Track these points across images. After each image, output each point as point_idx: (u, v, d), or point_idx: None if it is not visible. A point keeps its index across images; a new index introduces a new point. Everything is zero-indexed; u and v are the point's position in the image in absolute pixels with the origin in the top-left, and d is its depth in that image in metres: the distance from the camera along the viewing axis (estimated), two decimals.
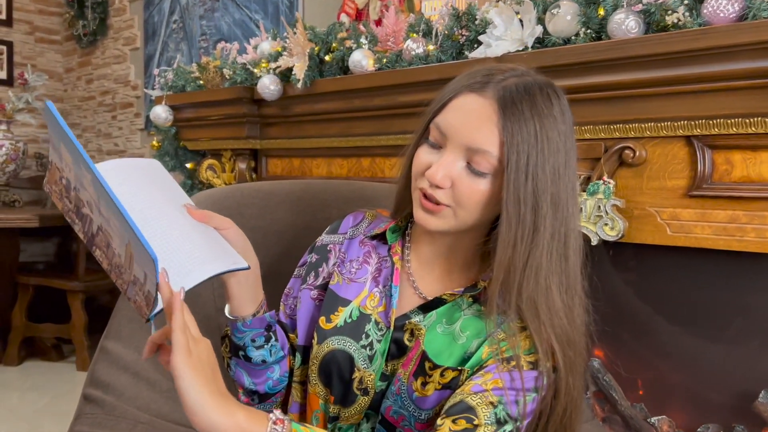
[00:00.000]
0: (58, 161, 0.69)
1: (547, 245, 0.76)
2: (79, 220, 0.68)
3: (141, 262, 0.66)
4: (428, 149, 0.81)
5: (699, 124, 1.26)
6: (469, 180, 0.77)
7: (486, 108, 0.75)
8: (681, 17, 1.21)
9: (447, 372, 0.81)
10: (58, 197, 0.70)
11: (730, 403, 1.38)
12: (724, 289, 1.36)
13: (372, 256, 0.92)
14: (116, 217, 0.65)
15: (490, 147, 0.75)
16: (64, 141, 0.68)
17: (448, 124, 0.78)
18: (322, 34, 1.89)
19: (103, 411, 1.06)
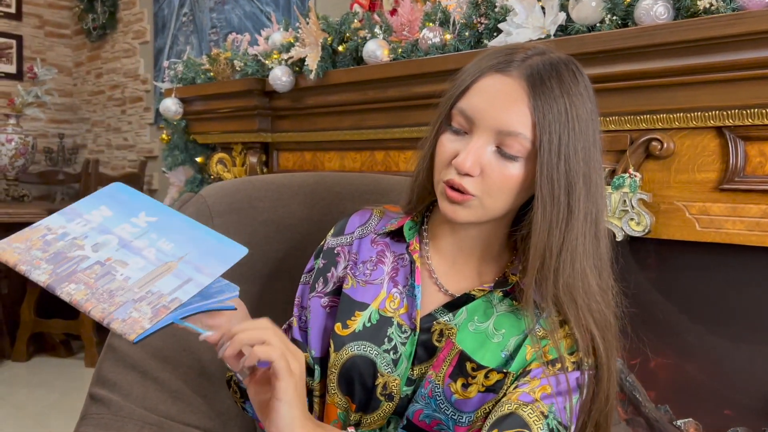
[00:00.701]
0: (64, 221, 0.71)
1: (581, 227, 0.73)
2: (50, 264, 0.67)
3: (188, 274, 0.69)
4: (452, 137, 0.76)
5: (731, 114, 1.20)
6: (500, 165, 0.73)
7: (515, 88, 0.72)
8: (713, 2, 1.16)
9: (492, 374, 0.76)
10: (14, 252, 0.68)
11: (759, 406, 1.33)
12: (755, 286, 1.31)
13: (387, 255, 0.87)
14: (170, 237, 0.72)
15: (523, 128, 0.71)
16: (107, 203, 0.74)
17: (474, 107, 0.74)
18: (336, 24, 1.85)
19: (110, 411, 1.01)
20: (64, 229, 0.70)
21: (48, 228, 0.70)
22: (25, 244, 0.68)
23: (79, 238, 0.70)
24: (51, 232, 0.70)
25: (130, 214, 0.74)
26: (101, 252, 0.69)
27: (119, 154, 4.02)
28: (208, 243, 0.75)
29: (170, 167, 2.47)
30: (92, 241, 0.70)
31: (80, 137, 4.34)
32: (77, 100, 4.35)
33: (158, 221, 0.74)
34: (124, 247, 0.70)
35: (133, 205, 0.75)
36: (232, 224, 1.21)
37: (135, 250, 0.70)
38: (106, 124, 4.11)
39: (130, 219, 0.73)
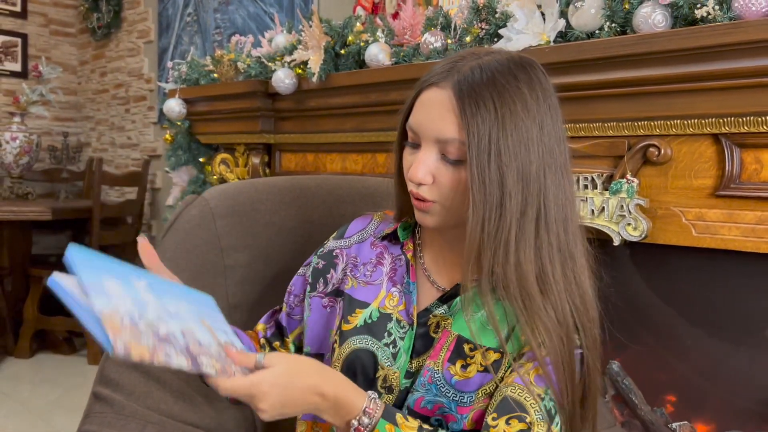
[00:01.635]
0: (109, 307, 0.63)
1: (515, 222, 0.74)
2: (168, 344, 0.65)
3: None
4: (410, 150, 0.82)
5: (728, 122, 1.22)
6: (448, 171, 0.78)
7: (444, 97, 0.76)
8: (711, 11, 1.17)
9: (489, 353, 0.80)
10: (138, 348, 0.62)
11: (755, 409, 1.35)
12: (750, 292, 1.33)
13: (385, 257, 0.92)
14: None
15: (455, 134, 0.75)
16: (103, 275, 0.67)
17: (417, 122, 0.79)
18: (338, 28, 1.86)
19: (113, 410, 1.03)
20: (125, 309, 0.64)
21: (115, 311, 0.63)
22: (131, 332, 0.62)
23: (148, 316, 0.66)
24: (121, 314, 0.63)
25: (129, 282, 0.70)
26: (170, 324, 0.67)
27: (123, 152, 4.04)
28: (190, 296, 0.77)
29: (173, 167, 2.49)
30: (154, 315, 0.66)
31: (84, 135, 4.36)
32: (81, 99, 4.37)
33: (149, 283, 0.72)
34: (171, 317, 0.69)
35: (109, 268, 0.70)
36: (234, 226, 1.23)
37: (176, 315, 0.70)
38: (110, 122, 4.13)
39: (135, 285, 0.70)
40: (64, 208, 3.35)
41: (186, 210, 1.25)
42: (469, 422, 0.79)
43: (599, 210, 1.36)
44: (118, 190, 4.02)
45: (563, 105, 1.44)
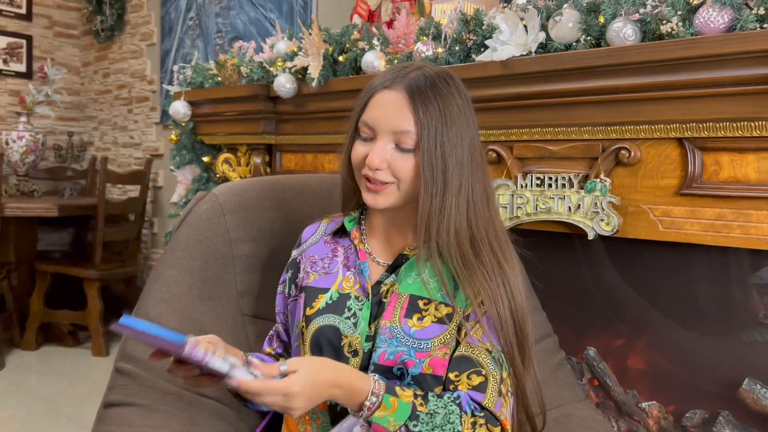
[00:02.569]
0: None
1: (454, 198, 0.94)
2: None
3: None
4: (361, 143, 0.98)
5: (690, 127, 1.34)
6: (401, 158, 0.95)
7: (399, 98, 0.95)
8: (675, 27, 1.29)
9: (441, 307, 0.96)
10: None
11: (716, 390, 1.46)
12: (712, 283, 1.45)
13: (338, 249, 1.08)
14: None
15: (410, 127, 0.94)
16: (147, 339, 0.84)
17: (373, 118, 0.96)
18: (336, 36, 1.98)
19: (135, 382, 1.15)
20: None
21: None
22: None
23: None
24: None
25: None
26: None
27: (125, 151, 4.15)
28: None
29: (178, 166, 2.60)
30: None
31: (87, 135, 4.47)
32: (84, 99, 4.47)
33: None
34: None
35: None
36: (241, 220, 1.34)
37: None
38: (113, 122, 4.24)
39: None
40: (70, 205, 3.46)
41: (197, 205, 1.37)
42: (426, 366, 0.94)
43: (575, 207, 1.49)
44: (120, 188, 4.13)
45: (543, 111, 1.57)
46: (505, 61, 1.52)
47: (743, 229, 1.30)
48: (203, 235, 1.31)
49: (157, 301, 1.26)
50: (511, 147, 1.63)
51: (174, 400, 1.13)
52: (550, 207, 1.53)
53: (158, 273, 1.30)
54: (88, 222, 3.99)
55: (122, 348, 1.22)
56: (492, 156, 1.65)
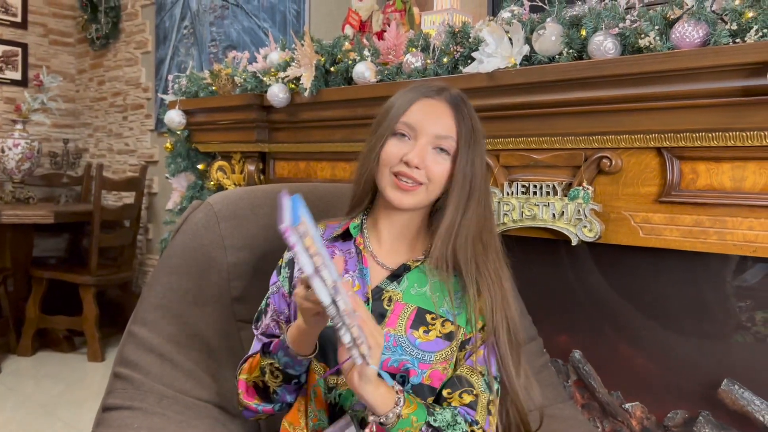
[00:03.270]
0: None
1: (475, 208, 1.02)
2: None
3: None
4: (397, 142, 1.02)
5: (668, 137, 1.39)
6: (437, 160, 1.01)
7: (443, 107, 1.03)
8: (652, 41, 1.34)
9: (446, 323, 1.01)
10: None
11: (697, 391, 1.52)
12: (690, 286, 1.50)
13: (336, 253, 1.10)
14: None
15: (452, 133, 1.01)
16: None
17: (417, 120, 1.01)
18: (328, 47, 2.03)
19: (133, 386, 1.19)
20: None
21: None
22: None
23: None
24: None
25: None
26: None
27: (120, 158, 4.18)
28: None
29: (173, 173, 2.64)
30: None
31: (82, 141, 4.50)
32: (79, 106, 4.50)
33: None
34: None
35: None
36: (236, 228, 1.39)
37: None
38: (108, 129, 4.27)
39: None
40: (66, 211, 3.49)
41: (193, 214, 1.41)
42: (426, 377, 0.99)
43: (559, 214, 1.54)
44: (115, 195, 4.16)
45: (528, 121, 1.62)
46: (491, 72, 1.57)
47: (719, 235, 1.35)
48: (198, 242, 1.36)
49: (155, 306, 1.30)
50: (497, 156, 1.68)
51: (171, 403, 1.17)
52: (536, 214, 1.58)
53: (155, 279, 1.34)
54: (83, 228, 4.02)
55: (120, 353, 1.26)
56: None
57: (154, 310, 1.29)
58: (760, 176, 1.30)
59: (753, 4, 1.23)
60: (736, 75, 1.25)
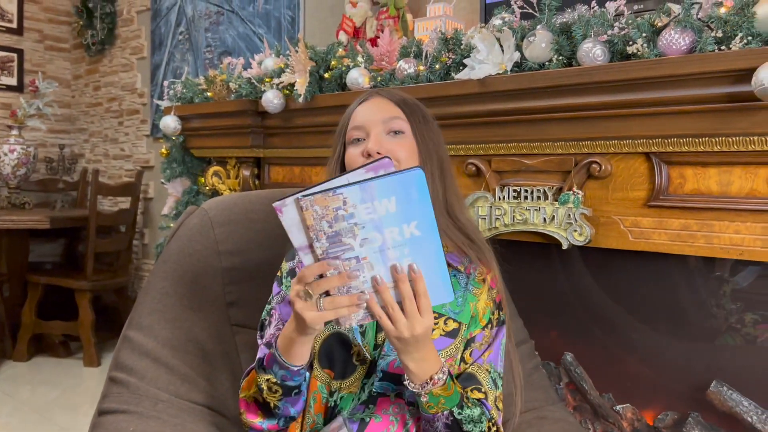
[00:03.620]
0: (358, 200, 0.77)
1: (451, 177, 1.08)
2: (328, 242, 0.79)
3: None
4: (354, 147, 1.05)
5: (656, 143, 1.41)
6: (396, 141, 1.04)
7: (381, 100, 1.08)
8: (640, 48, 1.36)
9: (449, 321, 1.02)
10: (312, 214, 0.77)
11: (687, 392, 1.54)
12: (679, 289, 1.52)
13: None
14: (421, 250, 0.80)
15: (397, 113, 1.05)
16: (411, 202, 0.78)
17: (361, 119, 1.05)
18: (322, 53, 2.05)
19: (128, 390, 1.20)
20: (354, 209, 0.77)
21: (344, 201, 0.77)
22: (322, 211, 0.77)
23: (358, 226, 0.78)
24: (344, 207, 0.77)
25: (406, 218, 0.78)
26: (364, 249, 0.79)
27: (116, 163, 4.19)
28: (434, 281, 0.83)
29: (169, 179, 2.66)
30: (365, 234, 0.78)
31: (77, 147, 4.51)
32: (75, 111, 4.52)
33: (419, 237, 0.79)
34: (381, 252, 0.80)
35: (414, 209, 0.78)
36: (230, 233, 1.40)
37: (385, 259, 0.80)
38: (104, 134, 4.28)
39: (402, 224, 0.78)
40: (61, 217, 3.49)
41: (188, 219, 1.43)
42: None
43: (550, 218, 1.56)
44: (111, 200, 4.17)
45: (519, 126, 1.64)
46: (483, 79, 1.59)
47: (707, 238, 1.37)
48: (193, 248, 1.37)
49: (150, 311, 1.32)
50: (489, 161, 1.70)
51: (166, 407, 1.18)
52: (527, 218, 1.60)
53: (151, 284, 1.35)
54: (79, 233, 4.03)
55: (116, 357, 1.27)
56: (471, 169, 1.72)
57: (149, 315, 1.31)
58: (746, 181, 1.32)
59: (738, 12, 1.25)
60: (722, 81, 1.27)
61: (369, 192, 0.77)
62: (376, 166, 0.81)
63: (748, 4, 1.24)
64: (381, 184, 0.77)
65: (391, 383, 1.01)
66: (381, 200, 0.77)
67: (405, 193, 0.77)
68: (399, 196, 0.77)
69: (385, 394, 1.01)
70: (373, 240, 0.79)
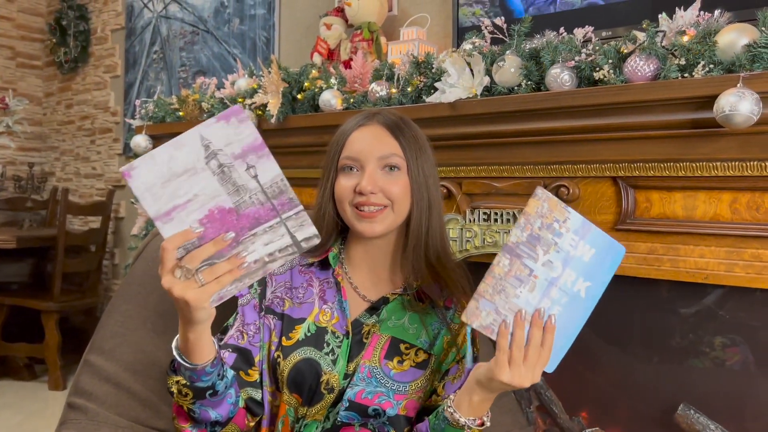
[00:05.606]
0: (574, 228, 0.84)
1: (437, 217, 1.06)
2: (526, 237, 0.83)
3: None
4: (346, 177, 1.03)
5: (623, 167, 1.43)
6: (391, 179, 1.02)
7: (378, 129, 1.05)
8: (606, 74, 1.39)
9: (420, 353, 1.02)
10: (538, 207, 0.83)
11: (655, 415, 1.54)
12: (647, 313, 1.53)
13: (314, 280, 1.10)
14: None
15: (395, 149, 1.03)
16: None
17: (357, 150, 1.03)
18: (295, 74, 2.05)
19: (87, 417, 1.17)
20: (566, 232, 0.82)
21: (566, 219, 0.83)
22: (546, 212, 0.82)
23: (556, 248, 0.82)
24: (561, 223, 0.83)
25: (587, 274, 0.84)
26: (542, 268, 0.82)
27: (87, 182, 4.13)
28: (557, 344, 0.87)
29: None
30: (553, 258, 0.82)
31: (48, 165, 4.44)
32: (46, 129, 4.46)
33: (581, 298, 0.86)
34: (550, 283, 0.82)
35: (598, 273, 0.84)
36: None
37: (547, 292, 0.83)
38: (75, 153, 4.23)
39: (581, 276, 0.84)
40: (29, 236, 3.43)
41: (154, 240, 1.40)
42: (402, 408, 0.99)
43: None
44: (81, 219, 4.10)
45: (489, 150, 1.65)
46: (453, 102, 1.60)
47: (673, 262, 1.39)
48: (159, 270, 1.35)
49: (112, 334, 1.29)
50: (460, 183, 1.71)
51: None
52: (497, 241, 1.60)
53: (114, 307, 1.33)
54: (47, 253, 3.95)
55: (75, 382, 1.24)
56: (443, 191, 1.72)
57: (111, 338, 1.28)
58: (710, 205, 1.34)
59: (700, 41, 1.28)
60: (686, 108, 1.29)
61: (586, 229, 0.83)
62: (227, 114, 0.77)
63: (710, 33, 1.27)
64: (597, 233, 0.83)
65: (356, 413, 1.00)
66: (587, 243, 0.82)
67: (603, 255, 0.83)
68: (598, 253, 0.83)
69: (350, 423, 1.00)
70: (554, 269, 0.82)
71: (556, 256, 0.81)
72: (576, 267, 0.82)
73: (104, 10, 3.96)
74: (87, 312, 3.68)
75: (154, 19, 3.55)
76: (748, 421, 1.42)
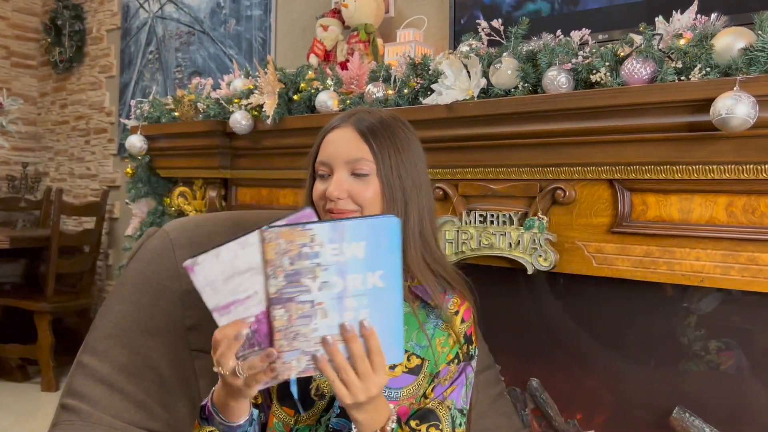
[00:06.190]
0: (327, 238, 0.75)
1: (416, 218, 1.01)
2: (285, 281, 0.75)
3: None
4: (320, 181, 1.03)
5: (619, 170, 1.43)
6: (359, 184, 0.99)
7: (348, 132, 1.01)
8: (603, 76, 1.38)
9: (412, 357, 1.00)
10: (275, 247, 0.75)
11: (650, 418, 1.54)
12: (642, 315, 1.53)
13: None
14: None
15: (363, 153, 0.99)
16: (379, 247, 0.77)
17: (327, 155, 1.01)
18: (291, 75, 2.04)
19: (80, 418, 1.16)
20: (320, 248, 0.74)
21: (311, 238, 0.74)
22: (286, 246, 0.74)
23: (321, 267, 0.75)
24: (310, 244, 0.74)
25: (371, 266, 0.76)
26: (322, 293, 0.76)
27: (81, 182, 4.11)
28: (388, 338, 0.80)
29: (134, 199, 2.61)
30: (326, 277, 0.75)
31: (42, 165, 4.42)
32: (41, 129, 4.44)
33: (381, 289, 0.77)
34: (339, 299, 0.76)
35: (382, 258, 0.76)
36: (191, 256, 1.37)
37: (342, 308, 0.76)
38: (69, 153, 4.21)
39: (367, 272, 0.76)
40: (22, 236, 3.41)
41: (148, 241, 1.40)
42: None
43: (516, 243, 1.56)
44: (75, 220, 4.08)
45: (485, 152, 1.65)
46: (450, 104, 1.60)
47: (668, 265, 1.39)
48: (153, 270, 1.34)
49: (106, 336, 1.28)
50: (456, 185, 1.70)
51: None
52: (493, 243, 1.60)
53: (108, 308, 1.32)
54: (41, 253, 3.93)
55: (68, 384, 1.23)
56: (439, 193, 1.72)
57: (105, 339, 1.27)
58: (706, 208, 1.34)
59: (697, 44, 1.28)
60: (682, 111, 1.29)
61: (339, 232, 0.75)
62: (299, 217, 0.79)
63: (706, 37, 1.27)
64: (353, 226, 0.75)
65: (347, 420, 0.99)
66: (350, 243, 0.75)
67: (376, 240, 0.76)
68: (369, 242, 0.76)
69: (341, 431, 0.99)
70: (334, 285, 0.76)
71: (328, 274, 0.75)
72: (356, 268, 0.76)
73: (100, 9, 3.95)
74: (80, 313, 3.66)
75: (150, 19, 3.54)
76: (742, 424, 1.42)
